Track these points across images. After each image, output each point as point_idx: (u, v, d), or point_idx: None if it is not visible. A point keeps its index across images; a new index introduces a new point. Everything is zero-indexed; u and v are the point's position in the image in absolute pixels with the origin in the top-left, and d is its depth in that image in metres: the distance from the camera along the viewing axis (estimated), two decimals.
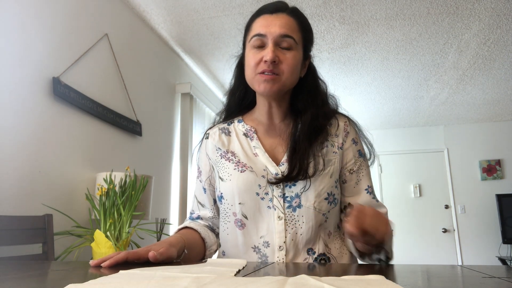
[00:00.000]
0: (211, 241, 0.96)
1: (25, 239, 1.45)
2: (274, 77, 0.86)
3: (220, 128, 1.02)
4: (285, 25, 0.87)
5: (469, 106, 4.54)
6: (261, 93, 0.90)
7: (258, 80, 0.87)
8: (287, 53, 0.87)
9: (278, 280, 0.46)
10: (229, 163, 0.94)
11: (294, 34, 0.88)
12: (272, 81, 0.86)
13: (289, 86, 0.91)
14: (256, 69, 0.87)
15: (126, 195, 1.70)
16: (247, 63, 0.90)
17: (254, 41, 0.88)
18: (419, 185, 5.32)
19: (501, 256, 4.71)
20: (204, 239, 0.93)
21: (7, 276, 0.54)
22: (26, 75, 1.66)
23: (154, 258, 0.68)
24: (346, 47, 3.08)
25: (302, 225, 0.86)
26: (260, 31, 0.87)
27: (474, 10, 2.55)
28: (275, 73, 0.86)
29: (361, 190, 0.94)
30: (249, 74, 0.90)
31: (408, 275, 0.56)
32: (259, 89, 0.88)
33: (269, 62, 0.84)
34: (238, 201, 0.89)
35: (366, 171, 0.96)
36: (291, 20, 0.89)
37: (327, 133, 0.94)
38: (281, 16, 0.88)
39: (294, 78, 0.90)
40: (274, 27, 0.86)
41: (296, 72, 0.90)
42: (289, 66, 0.86)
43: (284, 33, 0.86)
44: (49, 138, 1.76)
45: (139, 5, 2.48)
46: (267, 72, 0.85)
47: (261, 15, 0.90)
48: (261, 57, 0.86)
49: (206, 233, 0.96)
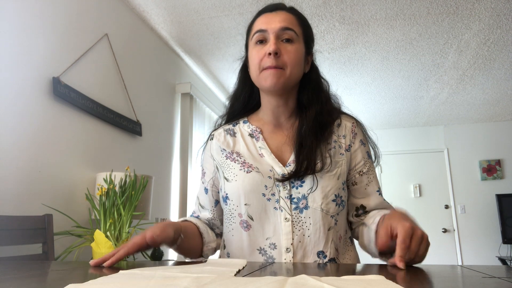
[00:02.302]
0: (209, 237, 0.95)
1: (25, 239, 1.45)
2: (279, 71, 0.87)
3: (225, 129, 1.01)
4: (285, 20, 0.90)
5: (469, 106, 4.54)
6: (268, 88, 0.90)
7: (264, 75, 0.88)
8: (288, 46, 0.88)
9: (278, 280, 0.46)
10: (235, 163, 0.93)
11: (294, 27, 0.90)
12: (277, 75, 0.87)
13: (295, 80, 0.91)
14: (260, 65, 0.88)
15: (126, 195, 1.70)
16: (251, 61, 0.91)
17: (256, 37, 0.90)
18: (419, 185, 5.33)
19: (501, 256, 4.71)
20: (202, 234, 0.93)
21: (7, 276, 0.54)
22: (26, 75, 1.66)
23: (152, 240, 0.70)
24: (346, 47, 3.08)
25: (310, 227, 0.85)
26: (261, 27, 0.90)
27: (474, 10, 2.55)
28: (279, 67, 0.87)
29: (373, 191, 0.94)
30: (254, 72, 0.91)
31: (408, 275, 0.56)
32: (266, 84, 0.88)
33: (272, 55, 0.86)
34: (244, 202, 0.89)
35: (375, 173, 0.96)
36: (291, 16, 0.92)
37: (333, 131, 0.94)
38: (281, 12, 0.92)
39: (298, 71, 0.91)
40: (274, 22, 0.89)
41: (300, 64, 0.90)
42: (291, 58, 0.87)
43: (284, 26, 0.88)
44: (49, 138, 1.76)
45: (139, 5, 2.48)
46: (272, 67, 0.86)
47: (261, 14, 0.94)
48: (264, 52, 0.87)
49: (205, 229, 0.96)
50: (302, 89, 0.96)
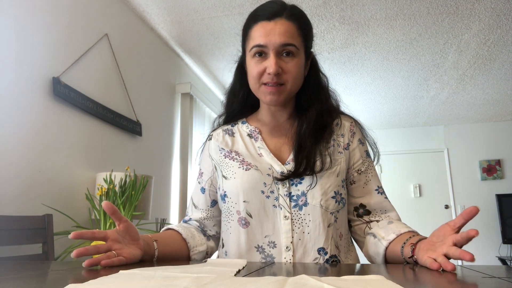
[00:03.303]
0: (195, 242, 0.93)
1: (25, 239, 1.45)
2: (279, 89, 0.85)
3: (224, 130, 1.01)
4: (285, 33, 0.84)
5: (469, 106, 4.54)
6: (268, 104, 0.90)
7: (264, 91, 0.87)
8: (289, 62, 0.85)
9: (278, 280, 0.46)
10: (233, 162, 0.93)
11: (294, 40, 0.85)
12: (278, 93, 0.86)
13: (295, 92, 0.91)
14: (259, 79, 0.86)
15: (126, 195, 1.70)
16: (250, 73, 0.89)
17: (254, 51, 0.86)
18: (419, 185, 5.33)
19: (501, 256, 4.71)
20: (185, 239, 0.91)
21: (7, 276, 0.54)
22: (26, 75, 1.66)
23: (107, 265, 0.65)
24: (346, 47, 3.08)
25: (309, 224, 0.85)
26: (260, 41, 0.85)
27: (474, 10, 2.55)
28: (279, 83, 0.85)
29: (372, 190, 0.94)
30: (253, 84, 0.89)
31: (408, 275, 0.56)
32: (265, 100, 0.88)
33: (272, 75, 0.84)
34: (242, 199, 0.88)
35: (375, 172, 0.96)
36: (290, 25, 0.85)
37: (332, 131, 0.94)
38: (280, 22, 0.85)
39: (299, 84, 0.90)
40: (273, 36, 0.84)
41: (300, 77, 0.89)
42: (293, 75, 0.86)
43: (284, 42, 0.84)
44: (49, 138, 1.76)
45: (139, 5, 2.48)
46: (272, 84, 0.85)
47: (258, 22, 0.87)
48: (263, 67, 0.85)
49: (190, 234, 0.93)
50: (302, 91, 0.94)
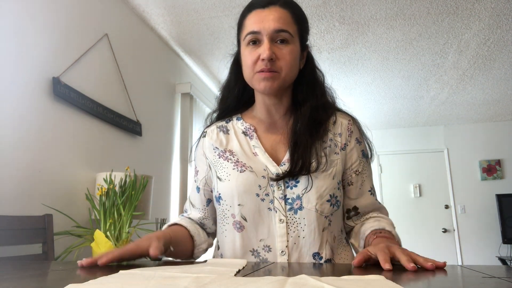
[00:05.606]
0: (200, 239, 0.93)
1: (25, 239, 1.45)
2: (273, 75, 0.83)
3: (218, 126, 0.99)
4: (279, 19, 0.83)
5: (469, 106, 4.54)
6: (262, 92, 0.88)
7: (258, 78, 0.85)
8: (283, 48, 0.84)
9: (278, 280, 0.46)
10: (228, 162, 0.91)
11: (289, 27, 0.84)
12: (272, 79, 0.84)
13: (290, 81, 0.89)
14: (254, 67, 0.85)
15: (126, 195, 1.70)
16: (244, 62, 0.88)
17: (248, 39, 0.85)
18: (419, 185, 5.32)
19: (501, 256, 4.71)
20: (193, 237, 0.91)
21: (7, 276, 0.54)
22: (26, 75, 1.66)
23: (155, 256, 0.70)
24: (346, 47, 3.08)
25: (304, 228, 0.84)
26: (254, 28, 0.84)
27: (474, 10, 2.55)
28: (274, 71, 0.83)
29: (365, 191, 0.93)
30: (247, 74, 0.88)
31: (408, 275, 0.56)
32: (259, 87, 0.86)
33: (266, 60, 0.82)
34: (237, 203, 0.87)
35: (369, 172, 0.95)
36: (285, 12, 0.85)
37: (328, 129, 0.92)
38: (274, 9, 0.85)
39: (294, 73, 0.88)
40: (267, 22, 0.83)
41: (295, 66, 0.87)
42: (287, 62, 0.84)
43: (278, 27, 0.83)
44: (49, 138, 1.76)
45: (139, 5, 2.48)
46: (266, 70, 0.83)
47: (253, 10, 0.87)
48: (257, 55, 0.84)
49: (196, 231, 0.93)
50: (297, 85, 0.93)
